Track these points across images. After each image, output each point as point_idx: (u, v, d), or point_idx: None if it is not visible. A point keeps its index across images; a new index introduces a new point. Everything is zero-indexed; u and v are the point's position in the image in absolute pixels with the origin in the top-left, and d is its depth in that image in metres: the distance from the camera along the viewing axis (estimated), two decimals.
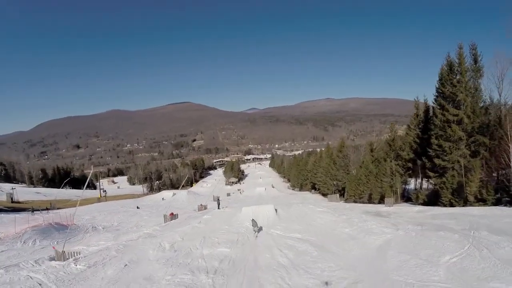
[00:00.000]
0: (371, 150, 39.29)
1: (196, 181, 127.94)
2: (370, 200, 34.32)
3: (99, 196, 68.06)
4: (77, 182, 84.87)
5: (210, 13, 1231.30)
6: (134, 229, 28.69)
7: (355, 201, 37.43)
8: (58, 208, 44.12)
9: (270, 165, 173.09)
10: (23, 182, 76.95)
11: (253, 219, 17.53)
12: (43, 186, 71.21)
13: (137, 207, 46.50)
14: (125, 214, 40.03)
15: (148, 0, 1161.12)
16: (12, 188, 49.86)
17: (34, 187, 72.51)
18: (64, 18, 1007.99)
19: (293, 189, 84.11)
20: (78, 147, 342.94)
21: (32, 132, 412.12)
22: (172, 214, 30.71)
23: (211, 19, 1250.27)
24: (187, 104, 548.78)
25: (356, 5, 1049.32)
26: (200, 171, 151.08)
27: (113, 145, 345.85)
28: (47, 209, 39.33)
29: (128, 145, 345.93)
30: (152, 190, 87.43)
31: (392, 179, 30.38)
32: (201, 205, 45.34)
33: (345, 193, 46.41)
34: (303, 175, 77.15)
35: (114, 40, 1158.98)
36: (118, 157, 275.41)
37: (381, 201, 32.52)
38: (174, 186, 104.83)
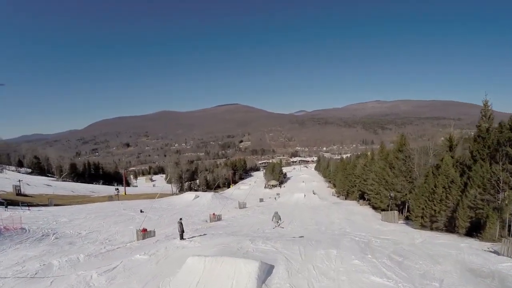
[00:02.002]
0: (450, 148, 25.53)
1: (235, 182, 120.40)
2: (450, 227, 21.46)
3: (124, 194, 63.79)
4: (109, 178, 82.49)
5: (258, 18, 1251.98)
6: (96, 244, 20.99)
7: (423, 225, 24.56)
8: (55, 205, 38.97)
9: (316, 168, 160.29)
10: (55, 175, 76.65)
11: (276, 212, 16.93)
12: (72, 180, 68.99)
13: (141, 211, 39.12)
14: (116, 218, 32.50)
15: (200, 6, 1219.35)
16: (19, 180, 45.89)
17: (63, 181, 70.93)
18: (116, 24, 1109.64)
19: (337, 197, 71.78)
20: (127, 145, 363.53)
21: (85, 131, 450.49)
22: (144, 230, 21.75)
23: (260, 24, 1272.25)
24: (235, 105, 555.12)
25: (402, 10, 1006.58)
26: (240, 172, 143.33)
27: (162, 145, 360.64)
28: (28, 205, 33.38)
29: (176, 145, 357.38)
30: (181, 190, 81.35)
31: (497, 195, 17.40)
32: (213, 214, 36.51)
33: (404, 209, 33.39)
34: (350, 181, 63.94)
35: (165, 46, 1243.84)
36: (165, 155, 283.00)
37: (472, 232, 19.67)
38: (209, 186, 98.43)
